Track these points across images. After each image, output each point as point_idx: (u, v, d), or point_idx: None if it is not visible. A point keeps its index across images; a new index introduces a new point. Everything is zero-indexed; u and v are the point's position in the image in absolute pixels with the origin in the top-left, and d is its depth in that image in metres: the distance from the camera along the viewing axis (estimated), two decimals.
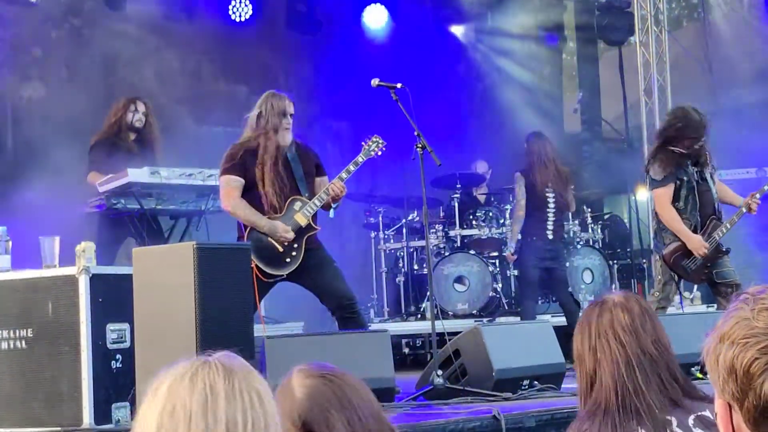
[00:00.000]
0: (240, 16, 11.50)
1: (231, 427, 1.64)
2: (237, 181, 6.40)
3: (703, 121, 7.42)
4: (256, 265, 6.09)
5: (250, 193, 6.41)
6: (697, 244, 7.34)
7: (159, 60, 10.93)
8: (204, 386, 1.67)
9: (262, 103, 6.54)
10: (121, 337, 5.30)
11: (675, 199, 7.40)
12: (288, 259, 6.38)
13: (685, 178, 7.40)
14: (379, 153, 6.82)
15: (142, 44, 10.66)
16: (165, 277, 4.08)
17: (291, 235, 6.33)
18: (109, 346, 5.27)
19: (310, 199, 6.48)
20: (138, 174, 7.21)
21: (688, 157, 7.38)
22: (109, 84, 10.17)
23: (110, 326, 5.28)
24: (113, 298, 5.23)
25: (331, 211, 6.85)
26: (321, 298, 6.55)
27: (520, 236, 9.39)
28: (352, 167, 6.65)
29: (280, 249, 6.34)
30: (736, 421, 1.53)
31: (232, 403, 1.66)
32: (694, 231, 7.41)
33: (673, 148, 7.38)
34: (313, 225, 6.49)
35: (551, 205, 9.27)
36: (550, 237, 9.28)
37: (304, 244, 6.41)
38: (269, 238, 6.32)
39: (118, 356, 5.29)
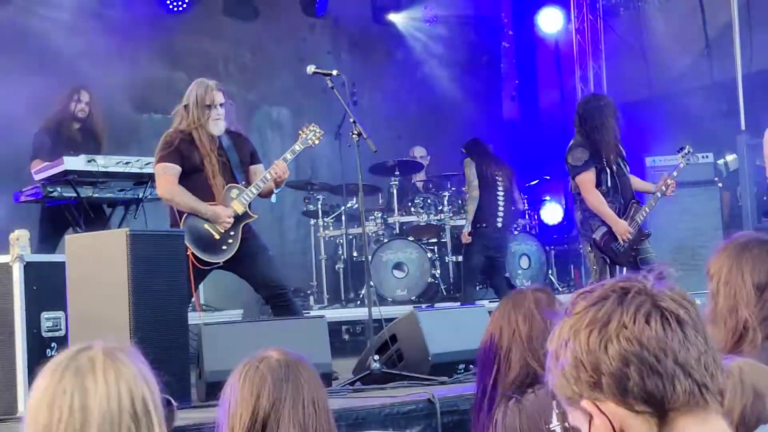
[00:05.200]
0: (177, 7, 11.46)
1: (47, 430, 1.76)
2: (174, 169, 6.34)
3: (613, 106, 7.66)
4: (192, 253, 6.10)
5: (191, 179, 6.38)
6: (622, 229, 7.52)
7: (96, 47, 10.84)
8: (40, 389, 1.81)
9: (188, 94, 6.49)
10: (57, 326, 5.28)
11: (598, 183, 7.56)
12: (224, 247, 6.38)
13: (603, 164, 7.57)
14: (317, 142, 6.81)
15: (79, 32, 10.56)
16: (98, 264, 4.08)
17: (231, 221, 6.35)
18: (44, 334, 5.25)
19: (246, 187, 6.49)
20: (74, 162, 7.14)
21: (606, 144, 7.54)
22: (46, 72, 10.05)
23: (45, 314, 5.26)
24: (48, 286, 5.21)
25: (274, 196, 6.85)
26: (255, 286, 6.57)
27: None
28: (289, 156, 6.63)
29: (217, 236, 6.34)
30: (612, 413, 1.61)
31: (52, 406, 1.77)
32: (619, 214, 7.58)
33: (595, 135, 7.55)
34: (250, 213, 6.50)
35: (500, 192, 9.48)
36: (499, 225, 9.46)
37: (240, 232, 6.42)
38: (205, 225, 6.32)
39: (54, 344, 5.27)
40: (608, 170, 7.58)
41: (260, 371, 2.63)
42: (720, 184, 11.00)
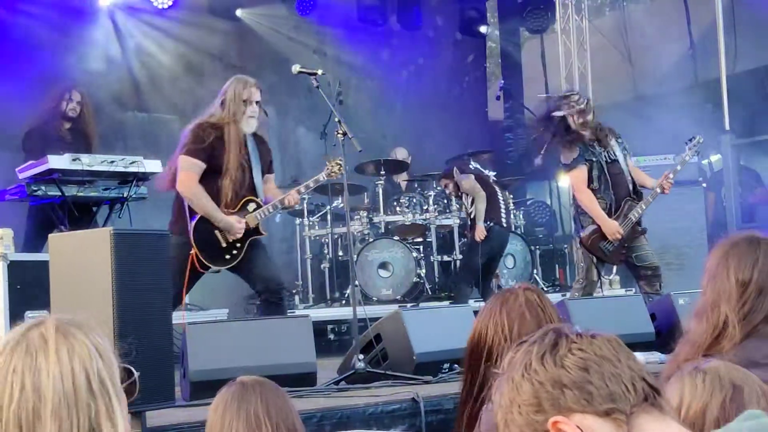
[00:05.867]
0: (162, 3, 11.44)
1: None
2: (199, 167, 6.33)
3: (581, 102, 7.70)
4: (196, 254, 6.15)
5: (210, 180, 6.37)
6: (612, 229, 7.52)
7: (81, 45, 10.82)
8: None
9: (226, 90, 6.49)
10: None
11: (589, 180, 7.58)
12: (228, 256, 6.42)
13: (594, 159, 7.60)
14: (338, 176, 6.85)
15: (63, 29, 10.54)
16: (82, 263, 4.06)
17: (242, 233, 6.38)
18: None
19: (260, 198, 6.51)
20: (58, 161, 7.11)
21: (590, 139, 7.59)
22: (34, 71, 10.03)
23: (29, 313, 5.26)
24: (32, 285, 5.21)
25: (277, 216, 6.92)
26: (249, 278, 6.58)
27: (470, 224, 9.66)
28: (311, 184, 6.71)
29: (224, 244, 6.37)
30: (581, 423, 1.63)
31: (2, 384, 1.70)
32: (610, 211, 7.59)
33: (571, 133, 7.60)
34: (261, 230, 6.54)
35: (500, 195, 9.64)
36: (505, 224, 9.57)
37: (246, 246, 6.44)
38: (215, 232, 6.33)
39: None
40: (597, 165, 7.59)
41: (221, 395, 2.93)
42: (704, 185, 11.05)
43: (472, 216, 9.61)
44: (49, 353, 1.71)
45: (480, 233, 9.42)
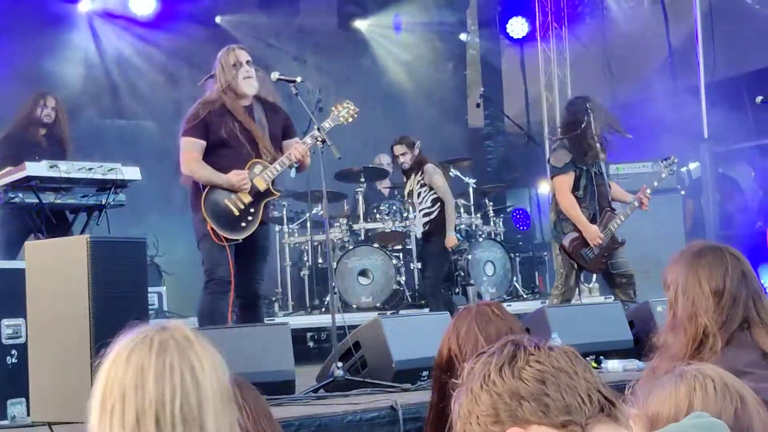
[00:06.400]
0: (141, 10, 11.44)
1: (158, 405, 1.71)
2: (197, 144, 6.35)
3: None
4: (212, 228, 6.18)
5: (219, 154, 6.37)
6: (593, 234, 7.56)
7: (60, 52, 10.79)
8: (137, 363, 1.74)
9: (215, 65, 6.53)
10: (17, 333, 5.22)
11: (574, 188, 7.60)
12: (243, 224, 6.40)
13: (584, 168, 7.61)
14: (350, 120, 6.74)
15: (42, 36, 10.50)
16: (58, 271, 4.04)
17: (248, 185, 6.34)
18: (4, 341, 5.19)
19: (271, 164, 6.47)
20: (36, 168, 7.07)
21: (589, 148, 7.59)
22: (11, 76, 9.98)
23: (5, 321, 5.20)
24: (8, 292, 5.14)
25: (293, 170, 6.84)
26: (239, 274, 6.56)
27: (426, 227, 9.61)
28: (317, 132, 6.43)
29: (236, 213, 6.35)
30: None
31: (160, 381, 1.72)
32: (592, 220, 7.62)
33: (580, 137, 7.57)
34: (272, 190, 6.51)
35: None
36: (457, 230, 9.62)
37: (261, 211, 6.42)
38: (225, 201, 6.33)
39: (14, 352, 5.22)
40: (586, 175, 7.62)
41: None
42: (683, 192, 11.09)
43: (432, 215, 9.55)
44: (198, 349, 1.77)
45: (454, 242, 9.46)
